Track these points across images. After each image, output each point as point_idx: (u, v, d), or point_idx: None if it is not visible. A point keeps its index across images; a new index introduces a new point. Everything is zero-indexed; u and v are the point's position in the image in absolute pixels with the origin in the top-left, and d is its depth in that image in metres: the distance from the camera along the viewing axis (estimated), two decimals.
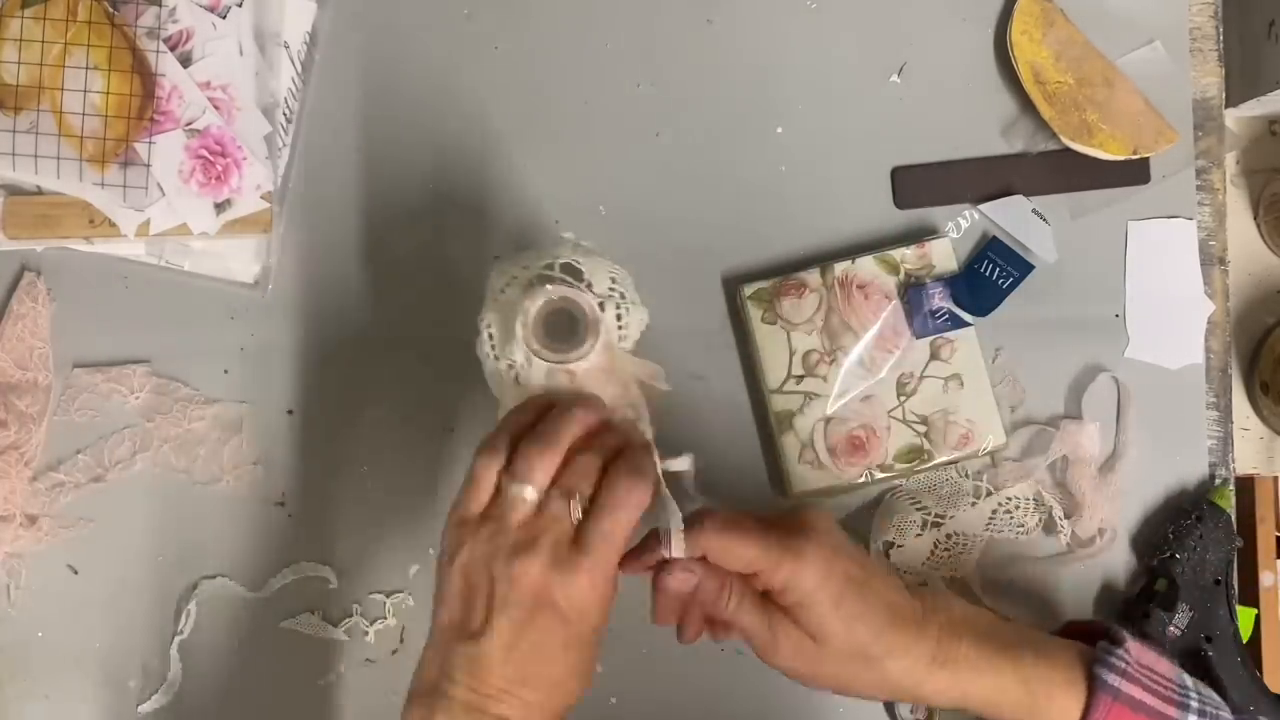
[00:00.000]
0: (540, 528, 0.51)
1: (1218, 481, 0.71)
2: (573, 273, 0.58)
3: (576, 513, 0.51)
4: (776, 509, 0.63)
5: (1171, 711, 0.56)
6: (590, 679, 0.54)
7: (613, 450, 0.54)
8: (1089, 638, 0.58)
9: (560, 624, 0.51)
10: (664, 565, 0.53)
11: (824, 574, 0.52)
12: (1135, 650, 0.58)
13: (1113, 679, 0.55)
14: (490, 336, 0.59)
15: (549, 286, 0.55)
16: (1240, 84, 1.18)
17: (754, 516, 0.55)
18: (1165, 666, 0.58)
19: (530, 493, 0.52)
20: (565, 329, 0.56)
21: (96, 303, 0.71)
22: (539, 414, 0.54)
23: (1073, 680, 0.56)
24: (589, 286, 0.57)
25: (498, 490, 0.52)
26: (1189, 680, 0.58)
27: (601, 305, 0.57)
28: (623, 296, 0.59)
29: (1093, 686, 0.55)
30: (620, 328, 0.59)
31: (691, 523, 0.53)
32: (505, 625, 0.51)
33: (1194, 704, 0.56)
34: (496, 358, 0.59)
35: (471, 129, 0.72)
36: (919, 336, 0.69)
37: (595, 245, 0.60)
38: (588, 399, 0.55)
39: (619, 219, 0.72)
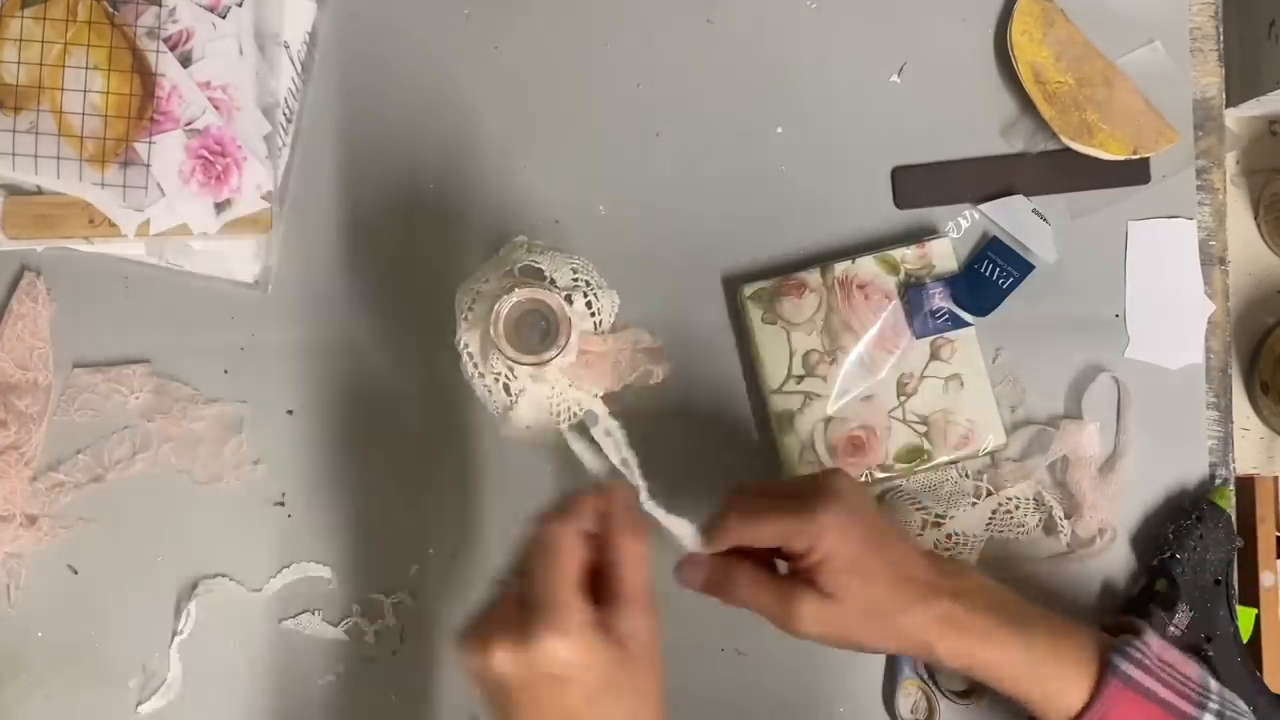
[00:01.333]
0: (493, 620, 0.50)
1: (1218, 481, 0.71)
2: (533, 273, 0.58)
3: (508, 588, 0.51)
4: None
5: (1187, 708, 0.56)
6: (651, 698, 0.52)
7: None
8: (1116, 635, 0.59)
9: (560, 691, 0.49)
10: (679, 564, 0.57)
11: (840, 537, 0.54)
12: (1157, 646, 0.58)
13: (1126, 666, 0.56)
14: (470, 356, 0.59)
15: (514, 291, 0.55)
16: (1240, 84, 1.18)
17: (774, 488, 0.60)
18: (1191, 668, 0.58)
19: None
20: (541, 331, 0.56)
21: (96, 303, 0.71)
22: None
23: (1085, 662, 0.57)
24: (552, 283, 0.57)
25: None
26: (1215, 685, 0.58)
27: (569, 297, 0.57)
28: (588, 284, 0.58)
29: (1104, 672, 0.56)
30: (593, 314, 0.59)
31: (713, 523, 0.56)
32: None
33: (1213, 705, 0.56)
34: (481, 374, 0.59)
35: (471, 128, 0.72)
36: (919, 336, 0.69)
37: (550, 241, 0.60)
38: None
39: (619, 219, 0.72)
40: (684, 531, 0.56)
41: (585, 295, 0.58)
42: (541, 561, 0.50)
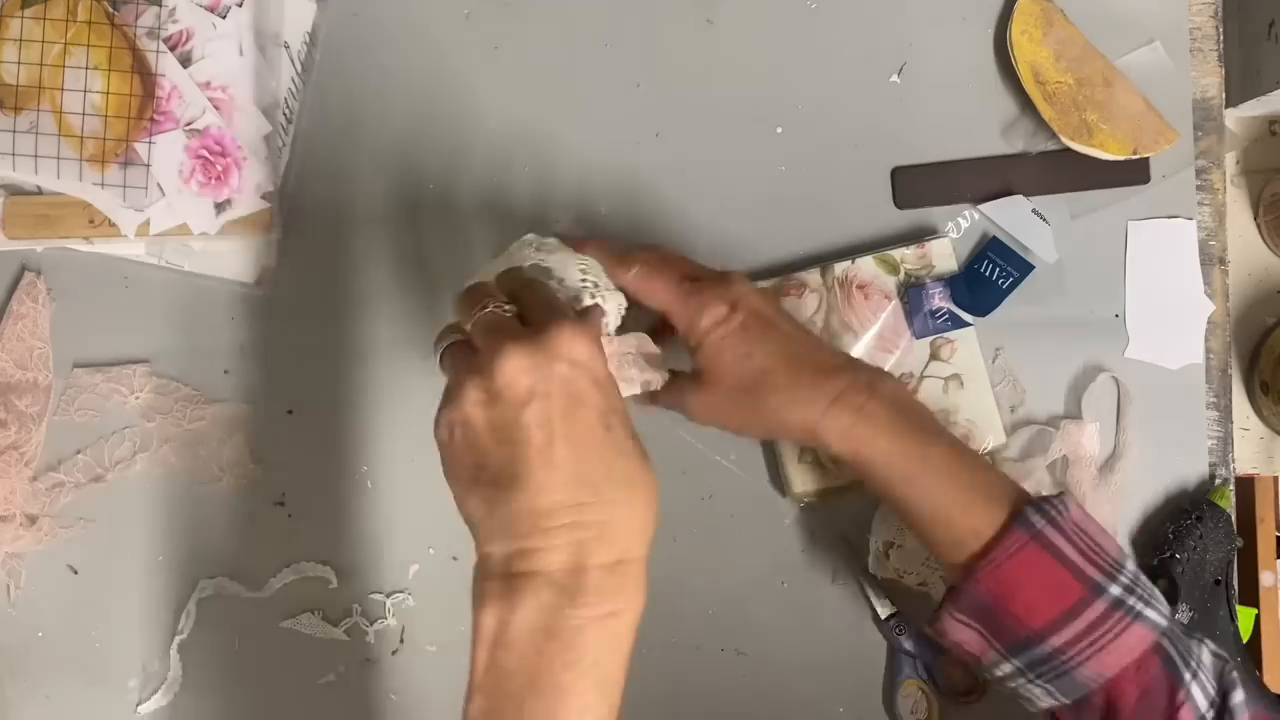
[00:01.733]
0: (490, 335, 0.47)
1: (1218, 481, 0.72)
2: (541, 273, 0.58)
3: (506, 307, 0.49)
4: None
5: (1093, 573, 0.53)
6: (650, 474, 0.49)
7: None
8: None
9: (578, 398, 0.46)
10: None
11: (719, 317, 0.57)
12: (1077, 513, 0.56)
13: (1039, 521, 0.54)
14: None
15: None
16: (1240, 84, 1.18)
17: (684, 267, 0.60)
18: (1110, 543, 0.56)
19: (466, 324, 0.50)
20: None
21: (96, 303, 0.71)
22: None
23: (994, 501, 0.55)
24: (560, 283, 0.57)
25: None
26: (1132, 566, 0.55)
27: (577, 298, 0.57)
28: (595, 285, 0.58)
29: (1012, 521, 0.54)
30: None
31: (626, 262, 0.59)
32: (530, 437, 0.45)
33: (1124, 579, 0.54)
34: None
35: (471, 129, 0.72)
36: (919, 336, 0.69)
37: (556, 240, 0.60)
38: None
39: (619, 219, 0.72)
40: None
41: (592, 297, 0.58)
42: (541, 290, 0.52)
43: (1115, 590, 0.53)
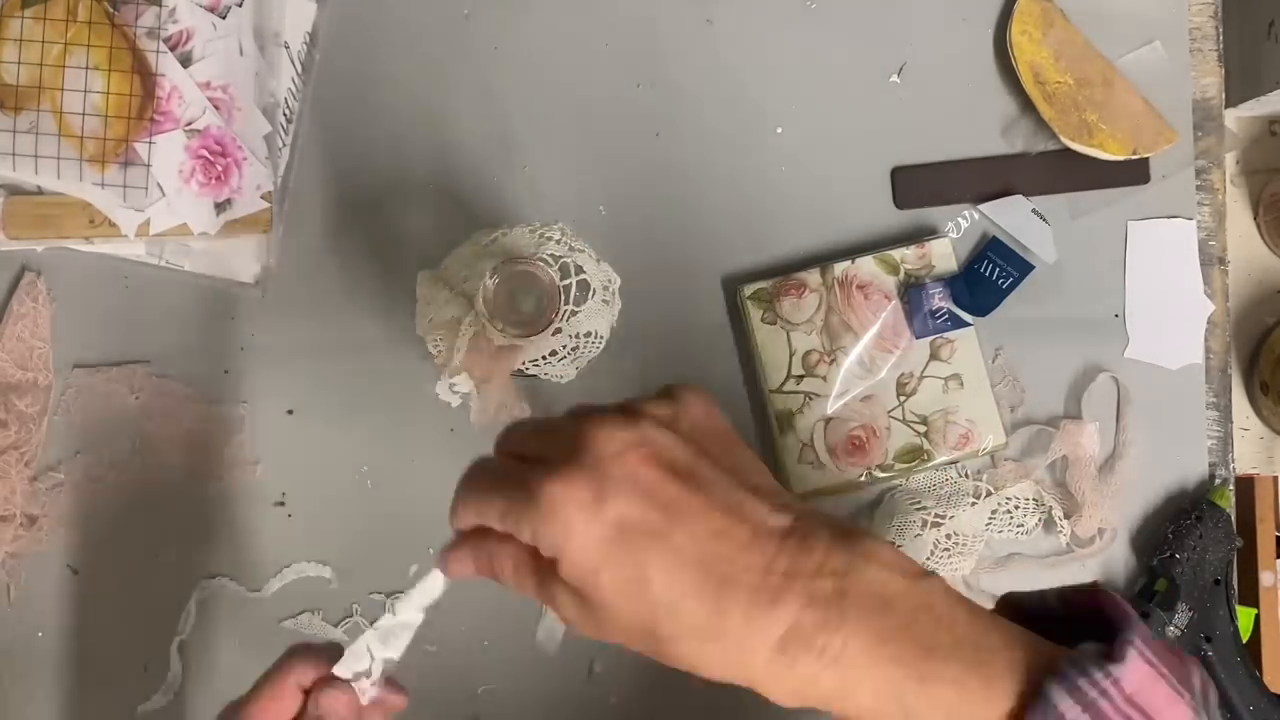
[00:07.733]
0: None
1: (1218, 481, 0.72)
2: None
3: None
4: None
5: None
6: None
7: None
8: (1096, 617, 0.40)
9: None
10: (439, 555, 0.46)
11: (580, 526, 0.37)
12: (1136, 676, 0.36)
13: (1067, 708, 0.35)
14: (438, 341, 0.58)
15: (506, 262, 0.54)
16: (1240, 84, 1.18)
17: (531, 443, 0.41)
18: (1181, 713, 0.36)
19: None
20: (530, 307, 0.55)
21: (96, 303, 0.71)
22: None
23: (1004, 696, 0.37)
24: (554, 258, 0.56)
25: None
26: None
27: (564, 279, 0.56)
28: (579, 268, 0.57)
29: (1026, 708, 0.36)
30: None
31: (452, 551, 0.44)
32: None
33: None
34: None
35: (471, 129, 0.72)
36: (919, 336, 0.69)
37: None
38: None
39: (619, 219, 0.72)
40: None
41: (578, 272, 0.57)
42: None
43: None
